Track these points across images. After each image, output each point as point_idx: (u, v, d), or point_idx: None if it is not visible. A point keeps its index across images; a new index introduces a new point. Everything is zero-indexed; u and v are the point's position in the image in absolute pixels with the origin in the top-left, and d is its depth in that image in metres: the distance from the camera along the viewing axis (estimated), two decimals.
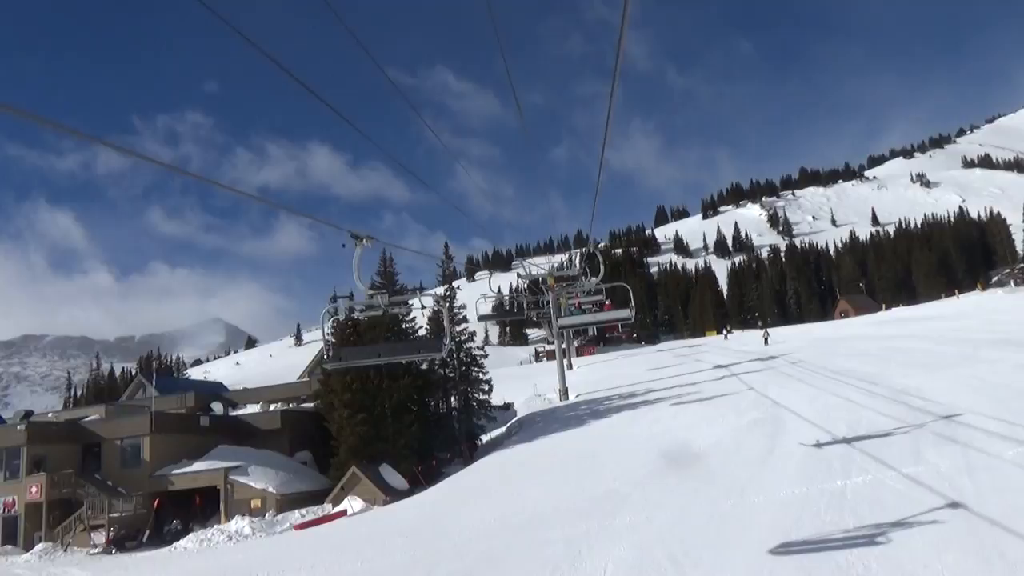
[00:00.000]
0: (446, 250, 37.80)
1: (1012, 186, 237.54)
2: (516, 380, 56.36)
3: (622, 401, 34.98)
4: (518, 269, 42.81)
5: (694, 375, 40.92)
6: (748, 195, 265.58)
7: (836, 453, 18.26)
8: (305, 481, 29.75)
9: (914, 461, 15.67)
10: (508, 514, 19.14)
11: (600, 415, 32.41)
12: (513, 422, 38.04)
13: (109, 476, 29.54)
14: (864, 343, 44.39)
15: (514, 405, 44.65)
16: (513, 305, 43.00)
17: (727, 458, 19.81)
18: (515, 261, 44.57)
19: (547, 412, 37.10)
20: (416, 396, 30.83)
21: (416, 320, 34.01)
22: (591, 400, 37.52)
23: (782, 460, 18.54)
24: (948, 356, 32.09)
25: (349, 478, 25.77)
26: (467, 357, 36.41)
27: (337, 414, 28.96)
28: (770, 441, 20.88)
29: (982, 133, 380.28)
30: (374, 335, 30.33)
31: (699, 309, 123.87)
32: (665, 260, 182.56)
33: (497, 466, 25.11)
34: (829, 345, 46.53)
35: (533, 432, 32.63)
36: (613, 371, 51.84)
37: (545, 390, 44.97)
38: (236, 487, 27.73)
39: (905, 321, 56.98)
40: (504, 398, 46.80)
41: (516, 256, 45.17)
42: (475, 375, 36.58)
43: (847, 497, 14.35)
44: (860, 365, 33.46)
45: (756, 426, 23.12)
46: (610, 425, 29.51)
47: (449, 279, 36.63)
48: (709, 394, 32.27)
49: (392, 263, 33.31)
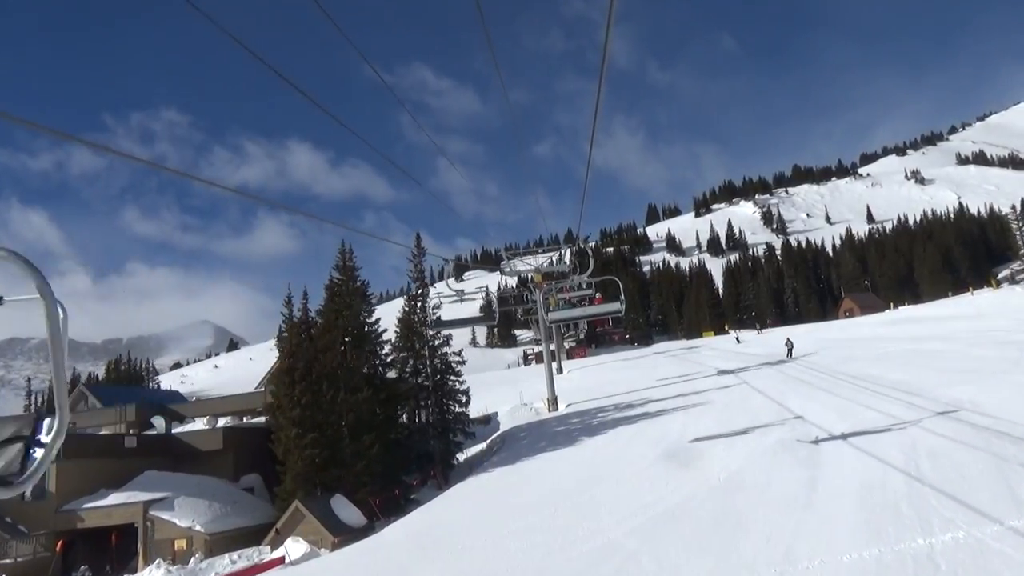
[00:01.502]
0: (417, 242, 33.20)
1: (1007, 183, 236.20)
2: (501, 386, 52.40)
3: (619, 413, 30.66)
4: (505, 267, 38.42)
5: (697, 381, 36.68)
6: (741, 192, 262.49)
7: (900, 492, 14.02)
8: (246, 514, 25.10)
9: (1017, 508, 11.47)
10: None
11: (594, 431, 28.08)
12: (495, 437, 33.66)
13: (8, 512, 24.58)
14: (882, 345, 40.35)
15: (497, 415, 40.33)
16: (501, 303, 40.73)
17: (758, 497, 15.46)
18: (503, 262, 41.06)
19: (534, 426, 32.74)
20: (380, 411, 26.36)
21: (380, 322, 29.67)
22: (584, 411, 33.21)
23: (831, 501, 14.29)
24: (990, 361, 28.26)
25: (290, 515, 21.20)
26: (442, 364, 32.00)
27: (284, 434, 24.48)
28: (808, 471, 16.63)
29: (974, 131, 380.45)
30: (330, 338, 25.95)
31: (694, 308, 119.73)
32: (658, 259, 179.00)
33: (471, 502, 20.70)
34: (843, 347, 42.50)
35: (517, 451, 28.26)
36: (607, 375, 47.53)
37: (532, 398, 40.60)
38: (158, 524, 23.02)
39: (920, 321, 53.02)
40: (487, 407, 42.50)
41: (506, 255, 42.79)
42: (451, 384, 32.15)
43: (940, 567, 10.06)
44: (887, 371, 29.39)
45: (785, 449, 18.83)
46: (606, 444, 25.15)
47: (421, 275, 32.38)
48: (719, 405, 28.01)
49: (352, 256, 28.97)
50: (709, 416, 26.18)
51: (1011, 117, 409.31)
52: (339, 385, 24.83)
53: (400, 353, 31.88)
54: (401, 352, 31.88)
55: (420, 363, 31.67)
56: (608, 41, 5.30)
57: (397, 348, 31.81)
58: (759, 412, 25.05)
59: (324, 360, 24.83)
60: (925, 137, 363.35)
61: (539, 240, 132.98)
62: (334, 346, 25.37)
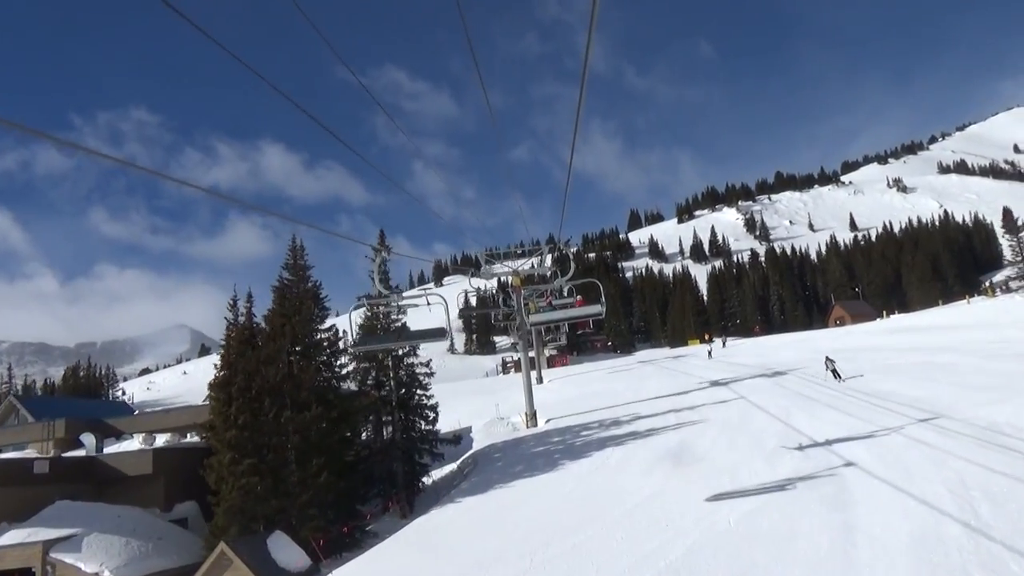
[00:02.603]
0: (381, 239, 29.83)
1: (988, 192, 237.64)
2: (478, 396, 49.13)
3: (604, 432, 27.48)
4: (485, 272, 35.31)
5: (688, 395, 33.58)
6: (724, 199, 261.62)
7: (965, 549, 11.42)
8: (171, 553, 21.39)
9: None
10: None
11: (577, 452, 24.85)
12: (467, 457, 30.37)
13: None
14: (886, 356, 37.40)
15: (471, 431, 37.08)
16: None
17: (781, 549, 12.30)
18: (484, 266, 38.40)
19: (510, 445, 29.47)
20: (332, 430, 22.91)
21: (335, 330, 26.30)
22: (565, 429, 29.99)
23: (878, 560, 11.32)
24: (1016, 376, 25.49)
25: (215, 560, 17.68)
26: (407, 376, 28.66)
27: (217, 459, 21.00)
28: (838, 514, 13.61)
29: (953, 140, 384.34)
30: (275, 348, 22.52)
31: (679, 316, 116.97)
32: (640, 264, 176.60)
33: (430, 546, 17.37)
34: (842, 358, 39.56)
35: (489, 476, 24.99)
36: (590, 387, 44.34)
37: (510, 411, 37.35)
38: (59, 569, 19.20)
39: (921, 330, 50.26)
40: (460, 421, 39.20)
41: (486, 261, 40.71)
42: (418, 399, 28.76)
43: None
44: (900, 386, 26.50)
45: (806, 486, 15.74)
46: (592, 470, 21.94)
47: (385, 276, 28.89)
48: (717, 423, 24.89)
49: (304, 253, 25.60)
50: (706, 437, 23.04)
51: (989, 128, 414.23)
52: (285, 402, 21.43)
53: (360, 364, 28.53)
54: (362, 362, 28.54)
55: (383, 375, 28.33)
56: (589, 48, 5.31)
57: (357, 358, 28.47)
58: (764, 433, 21.98)
59: (267, 373, 21.44)
60: (905, 146, 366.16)
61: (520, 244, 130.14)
62: (280, 356, 22.00)
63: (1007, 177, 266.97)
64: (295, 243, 25.47)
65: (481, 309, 52.70)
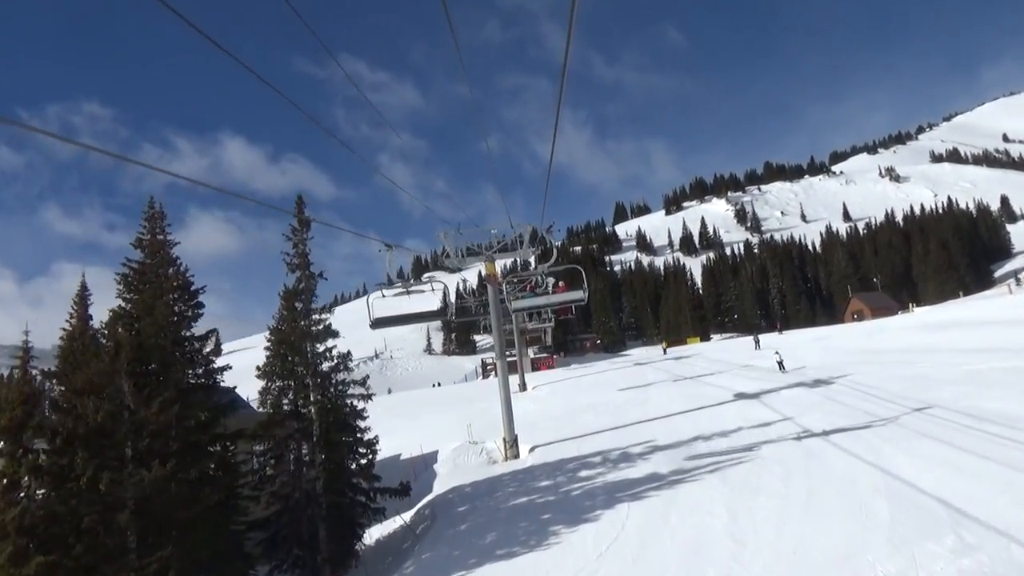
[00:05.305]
0: (299, 210, 21.66)
1: (983, 181, 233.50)
2: (452, 407, 41.45)
3: (610, 472, 19.58)
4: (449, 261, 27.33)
5: (711, 410, 25.88)
6: (712, 190, 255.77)
7: None
8: None
9: None
10: None
11: (574, 509, 16.92)
12: (424, 505, 22.47)
13: None
14: (953, 360, 29.43)
15: (437, 457, 29.30)
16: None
17: None
18: (452, 257, 32.15)
19: (481, 488, 21.53)
20: (205, 491, 14.82)
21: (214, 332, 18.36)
22: (557, 463, 22.11)
23: None
24: None
25: None
26: (336, 397, 20.64)
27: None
28: None
29: (941, 130, 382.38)
30: (104, 367, 14.78)
31: (673, 311, 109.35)
32: (628, 258, 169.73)
33: None
34: (891, 362, 31.99)
35: (449, 548, 17.01)
36: (583, 396, 36.43)
37: (486, 429, 29.51)
38: None
39: (968, 326, 42.67)
40: (423, 445, 31.48)
41: (467, 256, 36.54)
42: (349, 432, 20.69)
43: None
44: (1006, 403, 18.99)
45: None
46: (601, 550, 14.00)
47: (305, 260, 20.86)
48: (775, 467, 16.81)
49: (165, 222, 17.59)
50: (766, 494, 15.14)
51: (976, 118, 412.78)
52: (119, 453, 13.45)
53: (273, 381, 20.59)
54: (274, 380, 20.61)
55: (302, 396, 20.40)
56: (569, 43, 5.51)
57: (268, 374, 20.51)
58: (857, 487, 14.06)
59: (84, 408, 13.43)
60: (894, 136, 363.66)
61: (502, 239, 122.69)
62: (113, 380, 14.03)
63: (1001, 165, 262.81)
64: (153, 209, 17.43)
65: (463, 317, 47.83)
